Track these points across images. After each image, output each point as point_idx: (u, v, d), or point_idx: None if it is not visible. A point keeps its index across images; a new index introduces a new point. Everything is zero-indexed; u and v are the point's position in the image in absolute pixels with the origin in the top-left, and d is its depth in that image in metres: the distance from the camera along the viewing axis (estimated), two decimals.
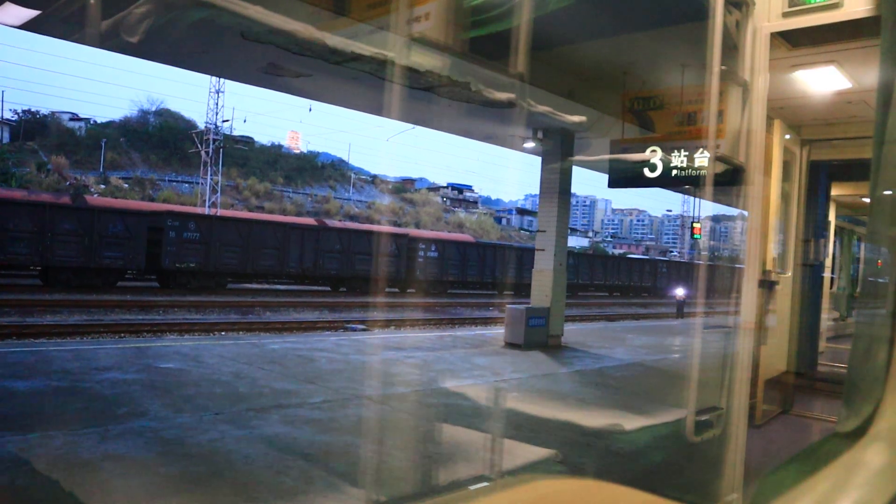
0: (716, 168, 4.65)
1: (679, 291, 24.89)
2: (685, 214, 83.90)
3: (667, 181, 8.25)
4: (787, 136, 6.37)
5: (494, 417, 5.77)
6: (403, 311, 20.40)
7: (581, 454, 4.88)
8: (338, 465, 4.17)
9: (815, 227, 7.42)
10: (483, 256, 30.03)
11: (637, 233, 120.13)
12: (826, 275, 9.51)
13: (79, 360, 6.91)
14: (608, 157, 8.87)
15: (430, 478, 4.19)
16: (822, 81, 5.41)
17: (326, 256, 24.85)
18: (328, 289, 26.25)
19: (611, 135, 9.49)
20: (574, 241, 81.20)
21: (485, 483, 4.18)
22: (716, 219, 78.38)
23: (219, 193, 41.92)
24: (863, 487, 1.27)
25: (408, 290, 27.58)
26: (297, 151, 62.98)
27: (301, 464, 4.13)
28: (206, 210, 36.69)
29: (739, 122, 4.35)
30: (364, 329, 13.89)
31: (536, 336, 10.61)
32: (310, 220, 32.28)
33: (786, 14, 4.10)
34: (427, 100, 8.61)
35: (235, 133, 57.76)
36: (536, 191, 11.94)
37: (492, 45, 5.04)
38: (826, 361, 9.30)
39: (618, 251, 77.39)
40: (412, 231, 34.54)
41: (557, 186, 11.18)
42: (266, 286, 26.49)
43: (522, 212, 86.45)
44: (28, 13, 6.52)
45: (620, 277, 37.42)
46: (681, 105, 8.00)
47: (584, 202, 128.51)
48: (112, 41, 7.26)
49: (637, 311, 27.01)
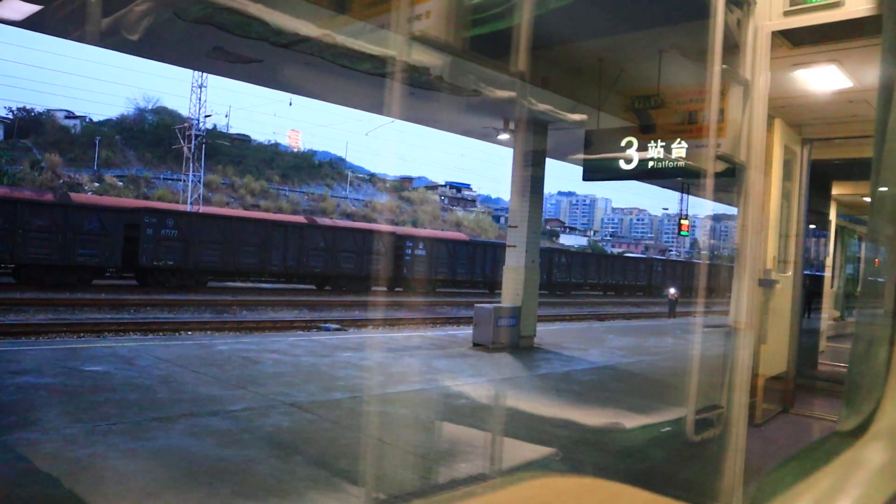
0: (716, 167, 4.65)
1: (671, 291, 24.60)
2: (683, 213, 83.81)
3: (643, 174, 7.89)
4: (788, 135, 6.37)
5: (429, 429, 5.16)
6: (385, 311, 19.89)
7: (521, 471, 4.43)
8: (223, 487, 3.61)
9: (816, 227, 7.43)
10: (473, 255, 29.76)
11: (637, 232, 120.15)
12: (824, 274, 9.51)
13: None
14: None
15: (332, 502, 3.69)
16: (823, 80, 5.41)
17: (311, 254, 24.38)
18: (313, 287, 25.81)
19: (587, 125, 9.06)
20: (573, 240, 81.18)
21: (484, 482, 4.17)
22: (716, 218, 78.37)
23: (201, 189, 41.14)
24: (863, 486, 1.27)
25: (395, 289, 27.19)
26: (297, 150, 63.00)
27: (182, 484, 3.61)
28: (189, 207, 35.84)
29: (740, 121, 4.35)
30: (338, 329, 13.43)
31: (506, 337, 10.11)
32: (298, 218, 31.75)
33: (787, 13, 4.09)
34: (396, 90, 8.45)
35: (233, 131, 57.77)
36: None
37: (488, 43, 5.03)
38: (827, 360, 9.30)
39: (617, 250, 77.40)
40: (399, 228, 33.89)
41: (529, 179, 10.63)
42: (250, 285, 25.93)
43: None
44: (30, 8, 6.51)
45: (615, 276, 37.14)
46: (681, 104, 7.98)
47: (584, 201, 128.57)
48: (112, 39, 7.26)
49: (630, 311, 26.69)
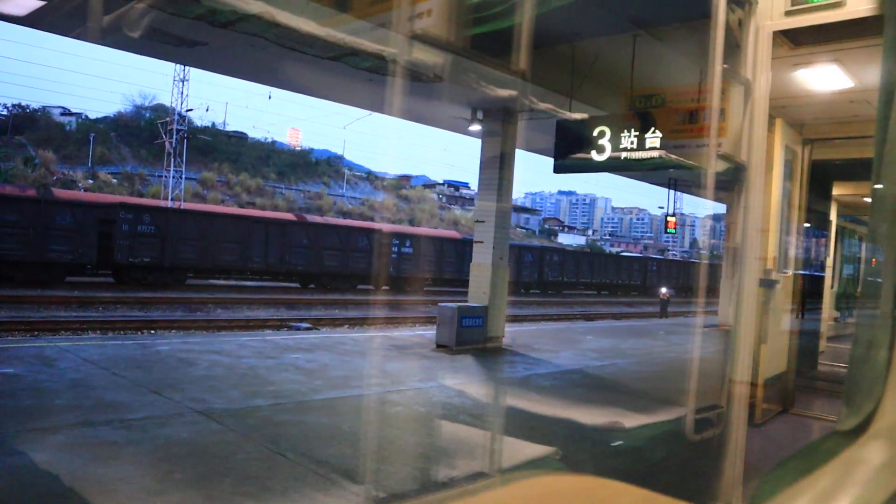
0: (717, 166, 4.65)
1: (663, 290, 24.12)
2: (678, 212, 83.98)
3: (616, 165, 7.60)
4: (789, 135, 6.37)
5: (345, 441, 4.65)
6: (366, 309, 19.37)
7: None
8: None
9: (816, 227, 7.42)
10: (463, 253, 28.66)
11: (637, 231, 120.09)
12: (821, 274, 9.50)
13: None
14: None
15: None
16: (825, 80, 5.41)
17: (293, 252, 23.73)
18: (297, 286, 25.20)
19: (559, 114, 8.66)
20: (571, 239, 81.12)
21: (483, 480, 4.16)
22: (716, 218, 78.39)
23: (182, 185, 39.96)
24: (863, 484, 1.28)
25: (382, 287, 26.61)
26: (298, 148, 62.96)
27: None
28: (170, 203, 34.82)
29: (741, 121, 4.35)
30: (309, 328, 12.95)
31: (471, 337, 9.59)
32: (281, 214, 30.93)
33: (788, 13, 4.10)
34: (360, 78, 8.25)
35: (229, 129, 57.69)
36: (538, 189, 11.59)
37: (491, 40, 5.02)
38: (827, 361, 9.30)
39: (616, 249, 77.39)
40: (386, 226, 32.94)
41: (497, 171, 10.05)
42: (233, 282, 25.07)
43: (519, 209, 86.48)
44: (33, 3, 6.50)
45: (609, 275, 36.51)
46: (682, 103, 7.96)
47: (584, 200, 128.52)
48: (113, 37, 7.26)
49: (621, 311, 26.14)
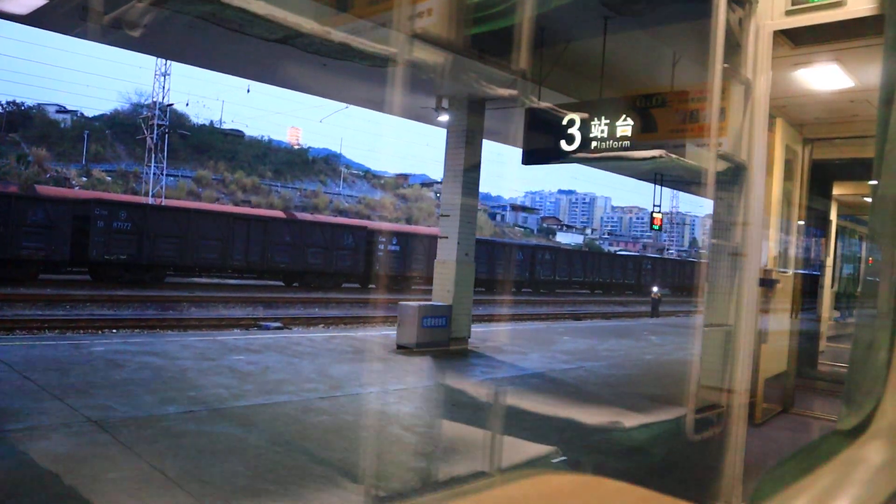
0: (718, 166, 4.65)
1: (654, 289, 23.74)
2: (674, 210, 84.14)
3: (586, 155, 7.30)
4: (789, 135, 6.37)
5: (249, 455, 4.32)
6: (347, 308, 19.07)
7: None
8: None
9: (816, 226, 7.41)
10: None
11: (636, 231, 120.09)
12: (817, 273, 9.50)
13: None
14: (612, 157, 8.41)
15: None
16: (825, 80, 5.41)
17: (276, 249, 23.30)
18: (281, 284, 24.84)
19: (528, 102, 8.26)
20: (569, 238, 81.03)
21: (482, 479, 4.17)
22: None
23: (163, 182, 39.70)
24: (862, 484, 1.28)
25: (369, 286, 26.21)
26: (297, 147, 62.94)
27: None
28: (151, 200, 34.24)
29: (741, 121, 4.35)
30: (279, 327, 12.69)
31: (434, 338, 9.16)
32: (261, 210, 30.46)
33: (789, 12, 4.10)
34: (318, 64, 8.04)
35: (225, 127, 57.59)
36: (538, 188, 11.43)
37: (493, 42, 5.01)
38: (827, 361, 9.31)
39: (615, 249, 77.38)
40: (370, 223, 32.12)
41: (462, 162, 9.56)
42: (216, 280, 24.70)
43: (517, 208, 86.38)
44: (35, 2, 6.49)
45: (602, 274, 35.98)
46: (683, 103, 7.95)
47: (584, 200, 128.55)
48: (113, 35, 7.26)
49: (613, 310, 25.70)
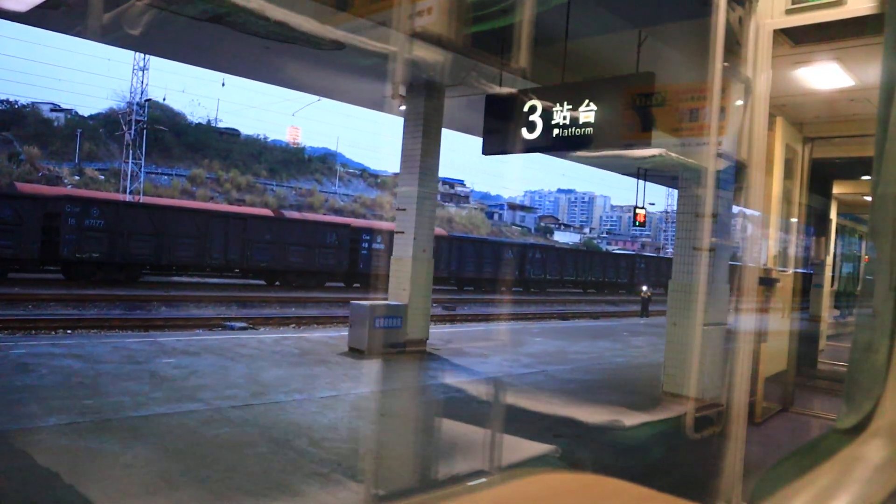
0: (717, 165, 4.65)
1: (643, 288, 23.23)
2: (669, 209, 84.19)
3: (548, 143, 6.91)
4: (789, 134, 6.37)
5: (103, 480, 3.94)
6: (326, 308, 18.61)
7: None
8: None
9: (816, 225, 7.40)
10: (438, 249, 28.32)
11: (635, 230, 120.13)
12: (811, 272, 9.50)
13: None
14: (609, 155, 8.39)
15: None
16: (825, 79, 5.41)
17: (255, 247, 22.75)
18: (262, 283, 24.39)
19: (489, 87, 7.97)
20: (566, 237, 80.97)
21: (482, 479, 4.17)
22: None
23: (141, 178, 39.13)
24: (862, 482, 1.28)
25: (353, 285, 25.80)
26: (297, 146, 62.97)
27: None
28: (128, 197, 33.63)
29: (741, 120, 4.35)
30: (244, 327, 12.34)
31: (388, 340, 8.65)
32: (238, 208, 29.93)
33: (789, 11, 4.09)
34: (267, 48, 7.67)
35: (221, 125, 57.64)
36: (538, 187, 11.23)
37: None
38: (827, 360, 9.31)
39: (613, 248, 77.46)
40: (354, 221, 31.61)
41: (419, 152, 9.07)
42: (197, 280, 24.20)
43: (515, 207, 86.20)
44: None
45: (594, 273, 35.40)
46: (682, 102, 7.95)
47: (583, 199, 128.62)
48: (113, 34, 7.26)
49: (603, 310, 25.19)
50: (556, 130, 6.67)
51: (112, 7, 6.19)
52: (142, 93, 40.30)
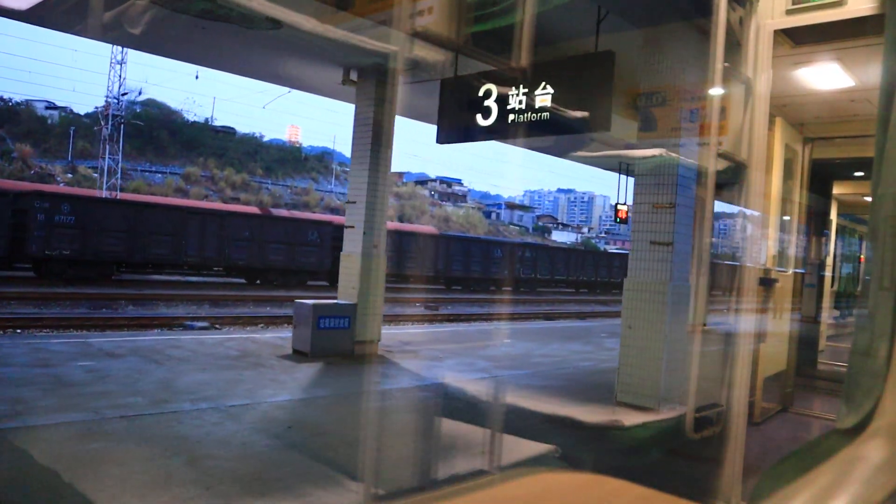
0: (718, 165, 4.65)
1: None
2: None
3: (504, 130, 6.46)
4: (789, 134, 6.37)
5: None
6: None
7: None
8: None
9: (816, 225, 7.40)
10: (424, 248, 27.33)
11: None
12: (821, 273, 9.52)
13: None
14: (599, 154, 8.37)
15: None
16: (825, 79, 5.42)
17: (234, 245, 22.18)
18: (243, 281, 23.75)
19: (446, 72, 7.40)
20: (565, 237, 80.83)
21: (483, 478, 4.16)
22: (716, 216, 78.57)
23: (118, 175, 38.68)
24: (861, 482, 1.28)
25: (336, 284, 25.00)
26: (296, 145, 63.00)
27: None
28: (105, 193, 33.31)
29: (741, 120, 4.36)
30: (204, 327, 11.87)
31: (334, 342, 8.15)
32: (217, 205, 29.39)
33: (789, 11, 4.10)
34: (208, 29, 7.30)
35: (217, 123, 57.63)
36: (537, 186, 10.81)
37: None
38: (826, 360, 9.32)
39: (612, 247, 77.40)
40: (335, 218, 30.86)
41: (370, 141, 8.65)
42: (175, 278, 23.56)
43: (513, 206, 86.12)
44: None
45: (587, 272, 34.97)
46: (683, 102, 7.94)
47: (583, 198, 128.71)
48: (113, 33, 7.25)
49: (593, 309, 24.63)
50: (512, 116, 6.23)
51: (113, 5, 6.19)
52: (119, 86, 39.89)
